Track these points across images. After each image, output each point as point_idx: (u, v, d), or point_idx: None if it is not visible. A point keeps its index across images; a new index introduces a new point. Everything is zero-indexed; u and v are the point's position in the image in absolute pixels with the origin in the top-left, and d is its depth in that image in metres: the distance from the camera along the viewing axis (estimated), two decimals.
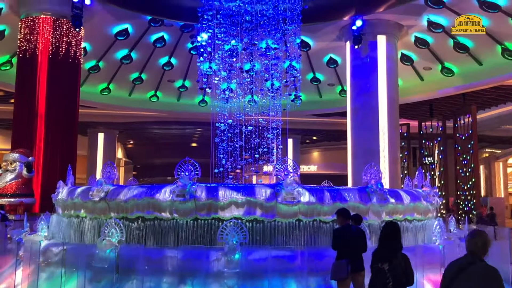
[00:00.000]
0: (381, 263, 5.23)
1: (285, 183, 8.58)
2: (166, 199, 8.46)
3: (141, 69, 24.00)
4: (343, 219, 7.13)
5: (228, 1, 13.72)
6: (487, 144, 33.07)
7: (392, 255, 5.23)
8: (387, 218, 9.30)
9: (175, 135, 35.23)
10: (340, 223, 7.17)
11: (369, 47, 18.86)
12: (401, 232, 5.52)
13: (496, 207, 22.98)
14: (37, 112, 17.08)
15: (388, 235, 5.38)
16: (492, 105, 25.73)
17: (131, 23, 20.19)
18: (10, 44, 19.58)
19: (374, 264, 5.35)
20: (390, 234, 5.37)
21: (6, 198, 15.11)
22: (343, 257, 6.76)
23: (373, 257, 5.44)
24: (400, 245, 5.36)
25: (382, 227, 5.62)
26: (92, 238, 9.04)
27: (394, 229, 5.42)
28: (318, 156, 38.51)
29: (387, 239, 5.37)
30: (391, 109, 18.85)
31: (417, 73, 23.25)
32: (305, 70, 22.62)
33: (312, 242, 8.57)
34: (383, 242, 5.40)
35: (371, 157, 17.05)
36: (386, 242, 5.36)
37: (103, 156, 29.22)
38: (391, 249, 5.28)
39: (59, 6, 17.39)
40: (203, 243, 8.30)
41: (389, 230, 5.41)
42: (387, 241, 5.36)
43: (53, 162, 17.00)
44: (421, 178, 10.94)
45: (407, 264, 5.27)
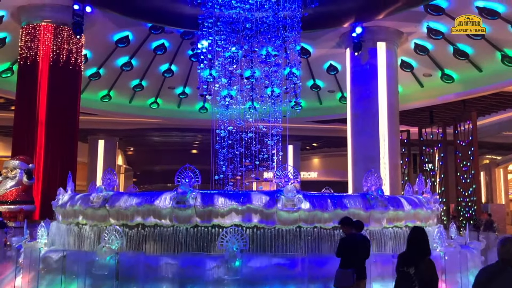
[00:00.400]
0: (407, 266, 5.30)
1: (286, 190, 8.58)
2: (166, 206, 8.45)
3: (142, 76, 24.05)
4: (348, 228, 7.15)
5: (228, 9, 13.78)
6: (487, 151, 33.06)
7: (418, 260, 5.29)
8: (388, 225, 9.29)
9: (176, 142, 35.23)
10: (345, 231, 7.19)
11: (369, 54, 18.90)
12: (427, 237, 5.60)
13: (497, 214, 22.96)
14: (37, 119, 17.09)
15: (415, 239, 5.46)
16: (492, 111, 25.75)
17: (131, 30, 20.26)
18: (11, 52, 19.64)
19: (400, 268, 5.43)
20: (416, 238, 5.46)
21: (6, 205, 15.08)
22: (348, 266, 6.76)
23: (398, 259, 5.52)
24: (426, 250, 5.42)
25: (409, 232, 5.71)
26: (92, 245, 9.02)
27: (420, 234, 5.50)
28: (318, 162, 38.49)
29: (413, 244, 5.44)
30: (391, 115, 18.87)
31: (417, 80, 23.29)
32: (305, 77, 22.66)
33: (313, 249, 8.55)
34: (410, 247, 5.47)
35: (372, 164, 17.04)
36: (412, 247, 5.44)
37: (103, 163, 29.21)
38: (417, 253, 5.35)
39: (60, 13, 17.45)
40: (203, 250, 8.29)
41: (415, 235, 5.50)
42: (413, 245, 5.43)
43: (53, 169, 16.99)
44: (421, 184, 10.93)
45: (432, 269, 5.34)
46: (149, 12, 17.86)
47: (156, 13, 17.80)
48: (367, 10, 17.51)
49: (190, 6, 14.83)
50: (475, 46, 19.72)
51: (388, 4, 16.91)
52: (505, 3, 16.79)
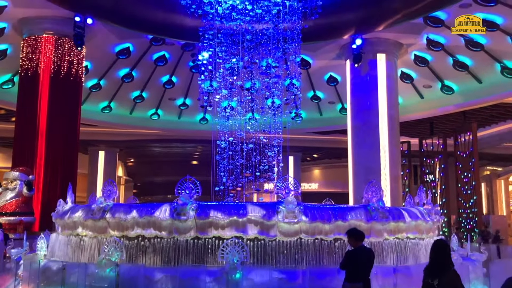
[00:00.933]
0: (431, 279, 5.47)
1: (286, 201, 8.55)
2: (166, 218, 8.42)
3: (142, 87, 24.12)
4: (355, 241, 6.96)
5: (229, 21, 13.85)
6: (488, 162, 33.01)
7: (442, 272, 5.44)
8: (389, 237, 9.25)
9: (176, 153, 35.23)
10: (352, 245, 6.99)
11: (369, 66, 18.96)
12: (449, 249, 5.75)
13: (499, 225, 22.87)
14: (38, 130, 17.09)
15: (437, 252, 5.62)
16: (492, 122, 25.78)
17: (132, 42, 20.35)
18: (12, 63, 19.71)
19: (425, 279, 5.60)
20: (439, 251, 5.62)
21: (6, 216, 15.03)
22: (355, 279, 6.64)
23: (424, 272, 5.69)
24: (447, 262, 5.53)
25: (432, 244, 5.88)
26: (92, 257, 8.98)
27: (442, 246, 5.67)
28: (319, 174, 38.44)
29: (436, 256, 5.60)
30: (392, 127, 18.88)
31: (417, 91, 23.35)
32: (305, 88, 22.72)
33: (314, 261, 8.50)
34: (433, 259, 5.63)
35: (372, 175, 17.00)
36: (435, 259, 5.59)
37: (103, 174, 29.17)
38: (440, 265, 5.51)
39: (61, 25, 17.53)
40: (203, 262, 8.24)
41: (438, 247, 5.67)
42: (436, 258, 5.59)
43: (53, 180, 16.96)
44: (422, 196, 10.90)
45: (455, 281, 5.44)
46: (150, 24, 17.95)
47: (157, 25, 17.89)
48: (367, 22, 17.60)
49: (191, 18, 14.91)
50: (475, 57, 19.81)
51: (388, 16, 17.00)
52: (504, 15, 16.89)
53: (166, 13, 17.14)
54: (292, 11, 13.63)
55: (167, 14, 17.14)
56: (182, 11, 14.18)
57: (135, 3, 16.81)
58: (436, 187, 25.18)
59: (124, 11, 17.04)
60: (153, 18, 17.37)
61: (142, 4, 16.92)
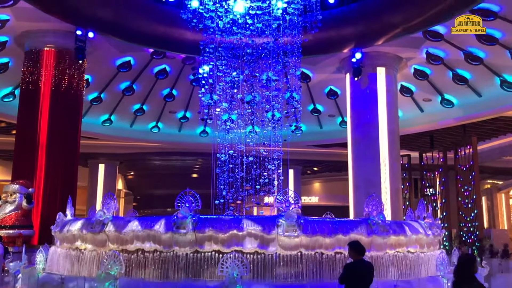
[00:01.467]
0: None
1: (287, 215, 8.52)
2: (166, 231, 8.38)
3: (143, 100, 24.19)
4: (355, 254, 6.89)
5: (229, 34, 13.92)
6: (488, 175, 32.97)
7: (465, 285, 5.61)
8: (390, 250, 9.20)
9: (176, 166, 35.20)
10: (353, 257, 6.93)
11: (369, 79, 19.04)
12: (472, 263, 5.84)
13: (500, 239, 22.74)
14: (38, 143, 17.09)
15: (460, 266, 5.79)
16: (493, 136, 25.80)
17: (133, 55, 20.47)
18: (13, 76, 19.79)
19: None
20: (461, 265, 5.79)
21: (5, 229, 14.97)
22: None
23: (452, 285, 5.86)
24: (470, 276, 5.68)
25: (458, 258, 6.13)
26: (91, 271, 8.92)
27: (467, 261, 5.82)
28: (319, 187, 38.36)
29: (459, 270, 5.76)
30: (392, 140, 18.89)
31: (417, 105, 23.41)
32: (305, 102, 22.78)
33: (314, 275, 8.44)
34: (456, 273, 5.80)
35: (373, 189, 16.98)
36: (458, 273, 5.76)
37: (103, 187, 29.13)
38: (461, 279, 5.67)
39: (62, 39, 17.63)
40: (203, 276, 8.19)
41: (463, 261, 5.83)
42: (459, 271, 5.75)
43: (53, 193, 16.91)
44: (423, 209, 10.86)
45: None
46: (151, 38, 18.05)
47: (158, 38, 17.99)
48: (367, 36, 17.71)
49: (191, 32, 14.98)
50: (474, 71, 19.90)
51: (387, 30, 17.12)
52: (503, 29, 17.01)
53: (167, 27, 17.26)
54: (292, 25, 13.71)
55: (168, 28, 17.26)
56: (183, 25, 14.25)
57: (136, 17, 16.94)
58: (436, 201, 25.12)
59: (125, 25, 17.16)
60: (154, 32, 17.48)
61: (143, 18, 17.05)
